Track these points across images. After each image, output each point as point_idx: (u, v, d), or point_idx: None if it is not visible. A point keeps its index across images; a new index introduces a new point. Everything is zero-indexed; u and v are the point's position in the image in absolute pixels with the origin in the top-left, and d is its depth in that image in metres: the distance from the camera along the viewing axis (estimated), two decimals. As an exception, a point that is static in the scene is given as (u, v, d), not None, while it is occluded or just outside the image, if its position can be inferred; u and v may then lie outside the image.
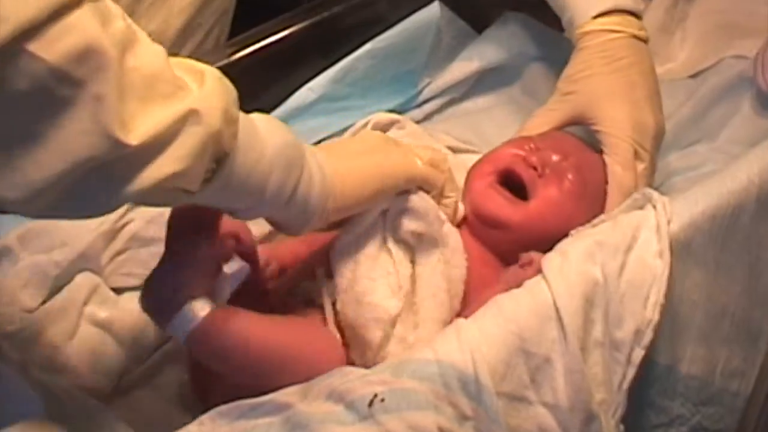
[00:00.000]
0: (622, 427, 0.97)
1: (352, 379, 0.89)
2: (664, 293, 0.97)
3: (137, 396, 1.05)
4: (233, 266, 0.96)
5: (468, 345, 0.90)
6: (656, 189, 1.07)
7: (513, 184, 1.08)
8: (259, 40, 1.28)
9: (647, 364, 0.98)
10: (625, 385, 0.96)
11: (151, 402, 1.05)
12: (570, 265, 0.96)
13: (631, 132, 1.11)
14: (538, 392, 0.92)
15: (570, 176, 1.08)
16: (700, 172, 1.19)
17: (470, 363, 0.89)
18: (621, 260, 0.97)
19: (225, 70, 0.82)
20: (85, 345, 1.05)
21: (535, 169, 1.08)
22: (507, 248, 1.05)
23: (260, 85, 1.26)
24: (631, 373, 0.96)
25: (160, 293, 0.90)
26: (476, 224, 1.08)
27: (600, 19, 1.16)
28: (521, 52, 1.33)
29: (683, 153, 1.24)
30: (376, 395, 0.87)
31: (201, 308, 0.89)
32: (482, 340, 0.91)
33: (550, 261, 0.97)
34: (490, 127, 1.30)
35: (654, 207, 1.00)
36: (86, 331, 1.06)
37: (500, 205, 1.07)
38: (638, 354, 0.96)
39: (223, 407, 0.91)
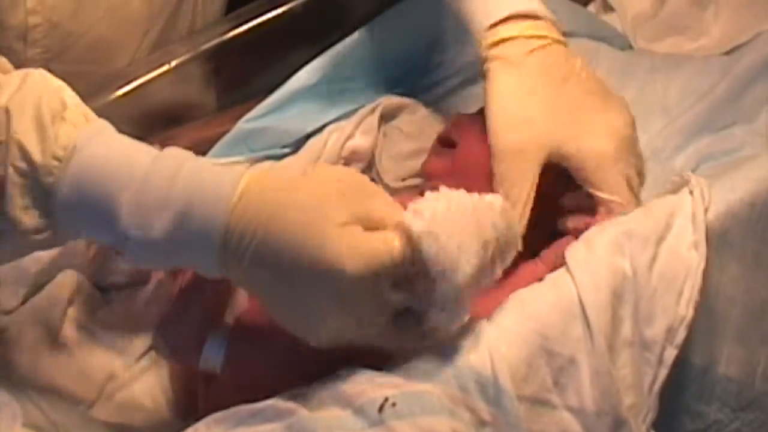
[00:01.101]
0: (653, 433, 0.97)
1: (361, 382, 0.89)
2: (699, 288, 0.97)
3: (124, 403, 1.05)
4: None
5: (486, 344, 0.90)
6: (690, 174, 1.07)
7: None
8: (254, 17, 1.27)
9: (681, 365, 0.98)
10: (657, 388, 0.96)
11: (139, 409, 1.05)
12: (596, 257, 0.95)
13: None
14: (562, 396, 0.92)
15: None
16: (737, 156, 1.19)
17: (488, 364, 0.89)
18: (652, 252, 0.96)
19: (218, 49, 0.81)
20: (68, 348, 1.05)
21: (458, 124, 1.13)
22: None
23: (255, 66, 1.26)
24: (663, 374, 0.96)
25: (180, 333, 0.96)
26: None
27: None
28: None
29: (718, 136, 1.24)
30: (386, 399, 0.86)
31: (224, 331, 0.95)
32: (501, 338, 0.91)
33: (575, 252, 0.97)
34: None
35: (690, 192, 1.00)
36: (69, 334, 1.06)
37: (432, 160, 1.14)
38: (670, 354, 0.96)
39: (219, 414, 0.91)
